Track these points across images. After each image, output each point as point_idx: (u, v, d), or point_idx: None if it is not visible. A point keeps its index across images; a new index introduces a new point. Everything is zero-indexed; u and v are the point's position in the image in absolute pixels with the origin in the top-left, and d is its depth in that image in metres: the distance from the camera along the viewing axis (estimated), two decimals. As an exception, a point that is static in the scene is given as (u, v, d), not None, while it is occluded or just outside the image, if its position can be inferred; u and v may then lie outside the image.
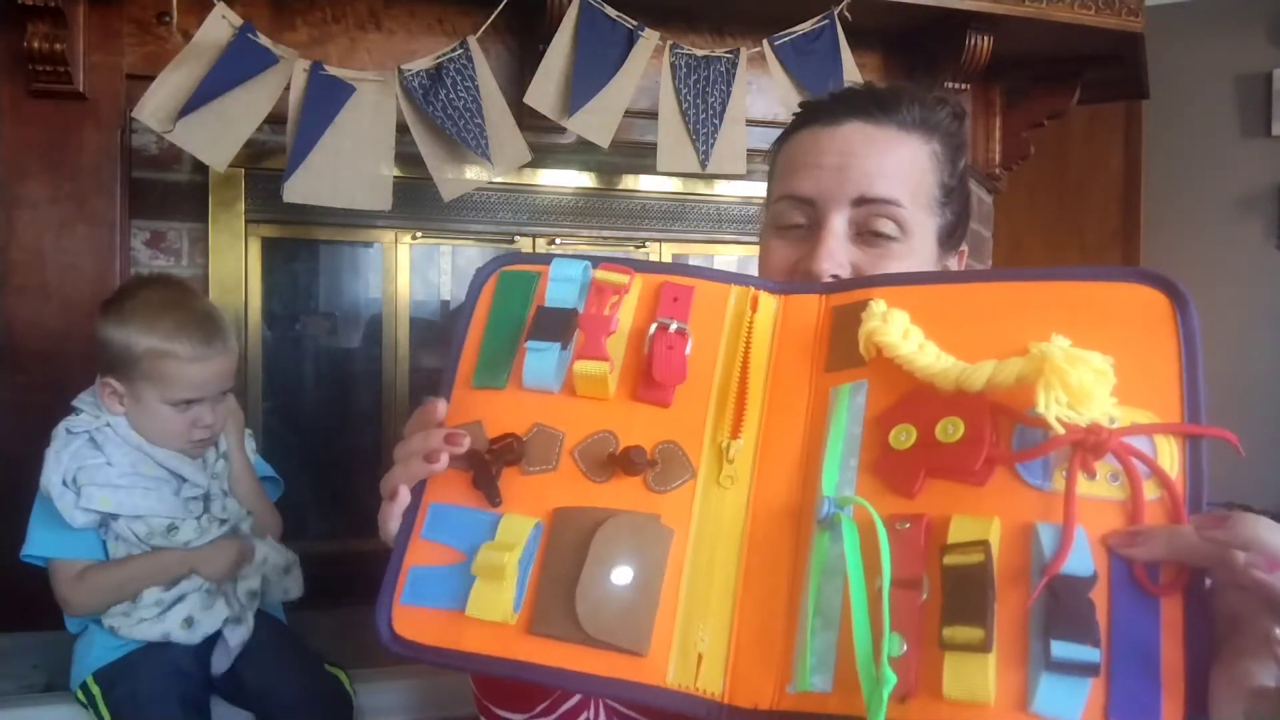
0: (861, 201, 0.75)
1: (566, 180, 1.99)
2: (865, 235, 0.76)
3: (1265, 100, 2.98)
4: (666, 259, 2.10)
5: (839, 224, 0.76)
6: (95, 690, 1.27)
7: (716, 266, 2.64)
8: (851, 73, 1.83)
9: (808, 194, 0.77)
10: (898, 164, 0.77)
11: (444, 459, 0.59)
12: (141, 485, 1.29)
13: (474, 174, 1.72)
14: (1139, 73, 2.26)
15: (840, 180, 0.76)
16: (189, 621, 1.29)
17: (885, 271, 0.75)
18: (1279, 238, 2.95)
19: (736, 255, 2.25)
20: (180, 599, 1.29)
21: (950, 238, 0.81)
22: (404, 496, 0.61)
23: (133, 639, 1.28)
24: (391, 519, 0.61)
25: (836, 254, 0.75)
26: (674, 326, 0.61)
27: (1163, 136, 3.11)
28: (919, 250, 0.77)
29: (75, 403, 1.35)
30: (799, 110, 0.83)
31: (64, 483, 1.27)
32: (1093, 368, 0.51)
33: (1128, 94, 2.47)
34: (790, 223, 0.79)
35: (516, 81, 1.79)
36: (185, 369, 1.29)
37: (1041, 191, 3.27)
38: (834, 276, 0.74)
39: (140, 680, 1.27)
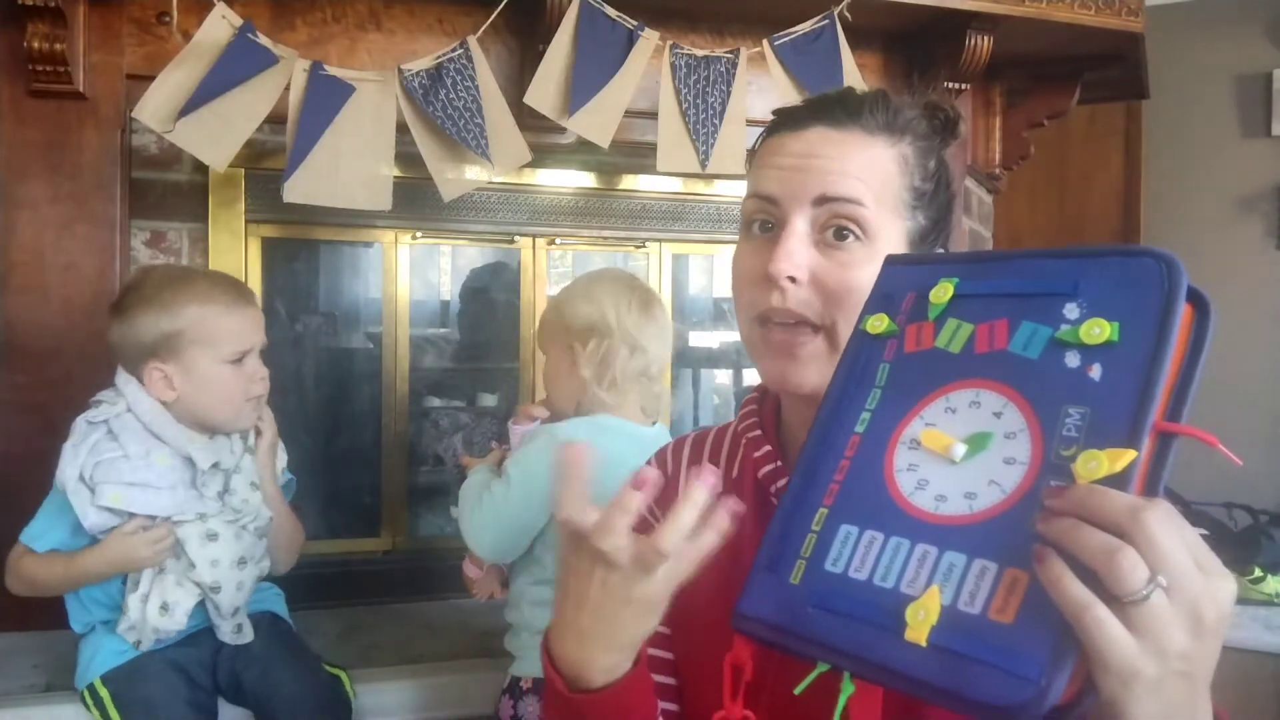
0: (822, 200, 0.76)
1: (566, 180, 1.99)
2: (826, 238, 0.76)
3: (1265, 100, 2.97)
4: (666, 259, 2.10)
5: (800, 225, 0.76)
6: (104, 693, 1.28)
7: (716, 267, 2.64)
8: (851, 73, 1.83)
9: (771, 193, 0.78)
10: (860, 165, 0.77)
11: None
12: (155, 484, 1.29)
13: (474, 174, 1.72)
14: (1139, 73, 2.26)
15: (801, 180, 0.76)
16: (165, 607, 1.28)
17: (843, 277, 0.75)
18: (1279, 238, 2.95)
19: (736, 255, 2.25)
20: (150, 588, 1.29)
21: (924, 242, 0.81)
22: None
23: (145, 644, 1.29)
24: None
25: (795, 255, 0.75)
26: None
27: (1163, 136, 3.11)
28: (883, 254, 0.76)
29: (94, 399, 1.35)
30: (772, 117, 0.84)
31: (80, 478, 1.26)
32: None
33: (1128, 94, 2.47)
34: (756, 222, 0.80)
35: (516, 81, 1.79)
36: (230, 319, 1.33)
37: (1041, 191, 3.27)
38: (790, 279, 0.75)
39: (151, 685, 1.27)
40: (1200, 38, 3.02)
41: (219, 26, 1.51)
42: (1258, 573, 1.89)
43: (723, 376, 2.67)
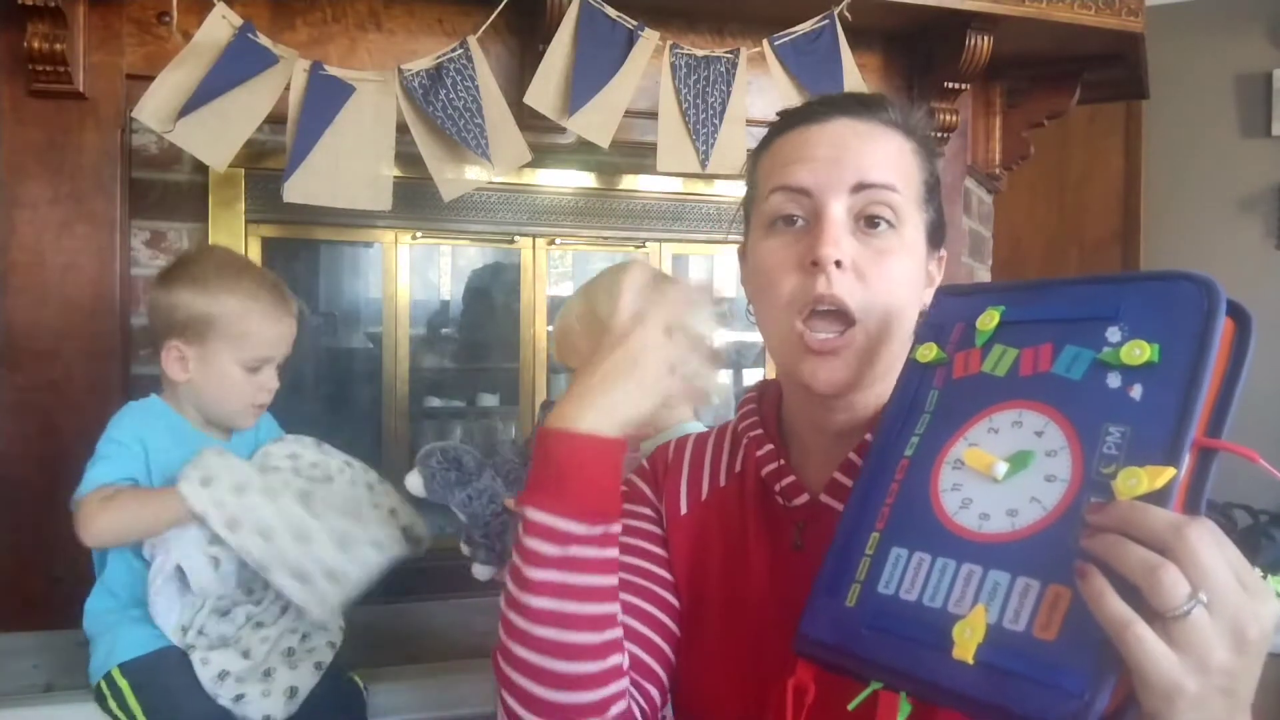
0: (860, 187, 0.76)
1: (566, 180, 1.99)
2: (862, 227, 0.76)
3: (1265, 100, 2.98)
4: (666, 259, 2.10)
5: (839, 211, 0.76)
6: (123, 684, 1.25)
7: (716, 267, 2.63)
8: (851, 73, 1.83)
9: (804, 184, 0.77)
10: (889, 154, 0.78)
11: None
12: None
13: (474, 174, 1.72)
14: (1139, 73, 2.26)
15: (837, 169, 0.76)
16: (291, 691, 1.26)
17: (883, 268, 0.75)
18: (1279, 238, 2.95)
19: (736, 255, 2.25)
20: (268, 674, 1.27)
21: (934, 236, 0.82)
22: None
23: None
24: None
25: (841, 241, 0.75)
26: None
27: (1163, 136, 3.11)
28: (911, 244, 0.78)
29: None
30: (778, 117, 0.84)
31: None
32: None
33: (1128, 94, 2.47)
34: (784, 216, 0.78)
35: (516, 81, 1.79)
36: (265, 327, 1.32)
37: (1041, 191, 3.27)
38: (838, 263, 0.74)
39: (172, 676, 1.25)
40: (1200, 38, 3.02)
41: (219, 26, 1.51)
42: (1258, 573, 1.89)
43: (722, 376, 2.67)
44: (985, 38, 1.91)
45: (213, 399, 1.33)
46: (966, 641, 0.53)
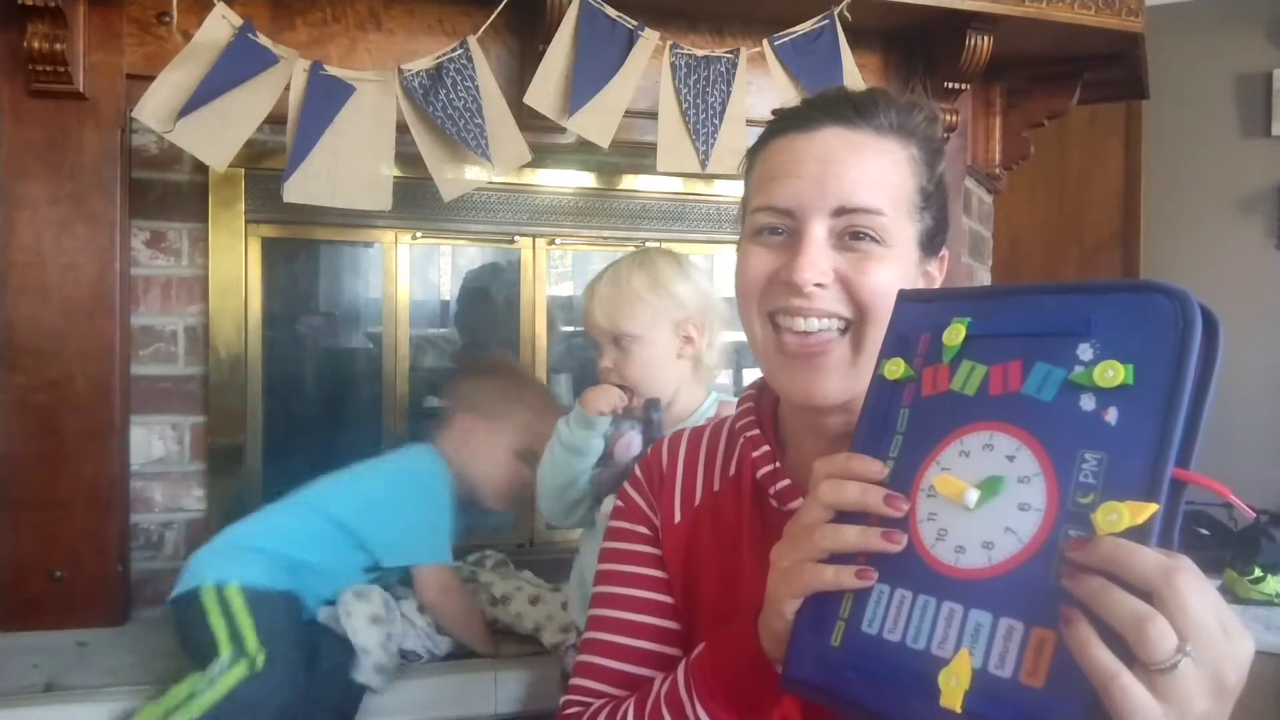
0: (842, 211, 0.74)
1: (566, 180, 1.99)
2: (846, 240, 0.75)
3: (1265, 100, 2.98)
4: (666, 259, 2.10)
5: (819, 232, 0.74)
6: (239, 601, 1.34)
7: (716, 266, 2.63)
8: (851, 73, 1.83)
9: (787, 205, 0.76)
10: (877, 171, 0.75)
11: None
12: None
13: (474, 174, 1.72)
14: (1139, 73, 2.26)
15: (820, 190, 0.74)
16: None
17: (869, 276, 0.74)
18: (1279, 238, 2.95)
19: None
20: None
21: (931, 242, 0.80)
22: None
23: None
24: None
25: (818, 262, 0.74)
26: None
27: (1163, 136, 3.11)
28: (900, 257, 0.76)
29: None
30: (773, 117, 0.82)
31: None
32: None
33: (1128, 94, 2.47)
34: (769, 231, 0.78)
35: (516, 81, 1.79)
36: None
37: (1041, 191, 3.27)
38: (817, 285, 0.74)
39: (288, 620, 1.37)
40: (1200, 38, 3.02)
41: (219, 26, 1.51)
42: (1258, 573, 1.89)
43: (722, 376, 2.67)
44: (985, 38, 1.91)
45: (480, 474, 1.66)
46: (953, 690, 0.51)
